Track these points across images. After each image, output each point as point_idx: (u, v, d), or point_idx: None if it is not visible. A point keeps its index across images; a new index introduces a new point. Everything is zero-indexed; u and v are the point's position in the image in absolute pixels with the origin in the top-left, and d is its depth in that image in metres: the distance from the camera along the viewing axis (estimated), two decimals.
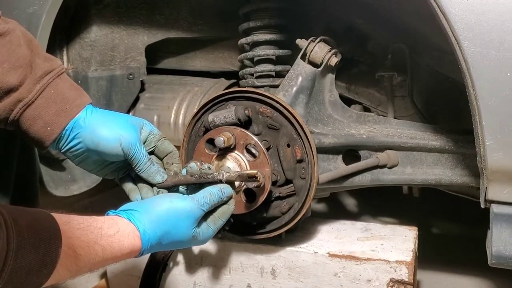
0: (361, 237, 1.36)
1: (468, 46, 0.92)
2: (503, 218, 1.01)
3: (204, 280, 1.37)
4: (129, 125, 1.05)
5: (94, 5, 1.48)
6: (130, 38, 1.56)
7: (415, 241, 1.33)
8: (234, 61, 1.66)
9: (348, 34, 1.45)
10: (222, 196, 1.01)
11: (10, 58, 0.97)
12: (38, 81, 0.99)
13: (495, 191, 1.00)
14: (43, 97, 1.00)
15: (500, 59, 0.91)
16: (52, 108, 1.00)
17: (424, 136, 1.30)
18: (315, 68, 1.28)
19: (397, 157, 1.32)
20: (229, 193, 1.03)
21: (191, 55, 1.68)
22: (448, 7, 0.92)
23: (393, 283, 1.20)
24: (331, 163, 1.33)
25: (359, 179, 1.35)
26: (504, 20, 0.89)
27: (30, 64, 0.99)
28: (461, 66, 0.94)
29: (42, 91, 1.00)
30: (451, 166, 1.28)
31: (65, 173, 1.55)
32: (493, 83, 0.92)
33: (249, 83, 1.44)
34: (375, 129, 1.35)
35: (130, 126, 1.05)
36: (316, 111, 1.32)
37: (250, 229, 1.27)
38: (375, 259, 1.22)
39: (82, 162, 1.07)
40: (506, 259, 1.03)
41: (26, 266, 0.69)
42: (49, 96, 1.00)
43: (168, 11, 1.57)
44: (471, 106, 0.96)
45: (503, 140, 0.95)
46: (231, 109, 1.16)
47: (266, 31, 1.41)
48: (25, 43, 1.01)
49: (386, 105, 1.46)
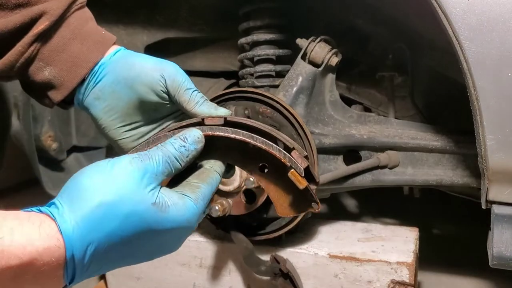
0: (362, 238, 1.35)
1: (469, 46, 0.91)
2: (504, 219, 1.01)
3: (204, 281, 1.37)
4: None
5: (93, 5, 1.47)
6: (129, 38, 1.56)
7: (416, 242, 1.33)
8: (233, 61, 1.65)
9: (349, 34, 1.45)
10: (185, 143, 0.68)
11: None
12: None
13: (496, 192, 1.00)
14: (68, 24, 0.80)
15: (501, 59, 0.90)
16: (79, 38, 0.81)
17: (425, 137, 1.29)
18: (316, 68, 1.28)
19: (398, 157, 1.32)
20: (194, 137, 0.69)
21: (191, 55, 1.67)
22: (449, 7, 0.91)
23: (394, 284, 1.20)
24: (332, 163, 1.33)
25: (360, 180, 1.34)
26: (505, 20, 0.89)
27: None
28: (462, 66, 0.93)
29: (71, 13, 0.81)
30: (452, 167, 1.28)
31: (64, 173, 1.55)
32: (494, 83, 0.92)
33: (249, 83, 1.43)
34: (375, 130, 1.35)
35: None
36: (316, 111, 1.32)
37: (250, 230, 1.27)
38: (375, 260, 1.22)
39: (104, 107, 0.81)
40: (507, 260, 1.02)
41: None
42: (75, 26, 0.81)
43: (167, 11, 1.56)
44: (472, 106, 0.95)
45: (504, 141, 0.94)
46: (231, 109, 1.16)
47: (266, 31, 1.40)
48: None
49: (387, 105, 1.45)
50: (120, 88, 0.79)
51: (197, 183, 0.69)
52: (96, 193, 0.58)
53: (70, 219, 0.57)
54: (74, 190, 0.60)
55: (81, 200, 0.58)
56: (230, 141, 0.70)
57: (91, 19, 0.84)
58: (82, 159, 1.70)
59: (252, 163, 0.73)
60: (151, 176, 0.62)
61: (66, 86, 0.80)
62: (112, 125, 0.82)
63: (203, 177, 0.70)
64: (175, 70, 0.79)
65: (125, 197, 0.59)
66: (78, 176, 0.61)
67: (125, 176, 0.60)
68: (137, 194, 0.60)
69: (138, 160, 0.63)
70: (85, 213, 0.57)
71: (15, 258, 0.52)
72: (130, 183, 0.60)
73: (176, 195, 0.65)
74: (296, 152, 0.72)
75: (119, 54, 0.82)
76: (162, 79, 0.77)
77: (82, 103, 0.83)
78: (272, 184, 0.73)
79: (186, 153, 0.67)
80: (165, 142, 0.68)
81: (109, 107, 0.81)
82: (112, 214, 0.58)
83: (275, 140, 0.72)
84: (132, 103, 0.80)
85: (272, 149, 0.70)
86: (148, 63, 0.79)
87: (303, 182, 0.69)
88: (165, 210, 0.62)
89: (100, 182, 0.59)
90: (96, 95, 0.81)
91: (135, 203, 0.59)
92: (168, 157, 0.65)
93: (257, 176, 0.73)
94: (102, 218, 0.58)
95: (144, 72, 0.78)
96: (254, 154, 0.71)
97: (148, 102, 0.80)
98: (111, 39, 0.84)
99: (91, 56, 0.80)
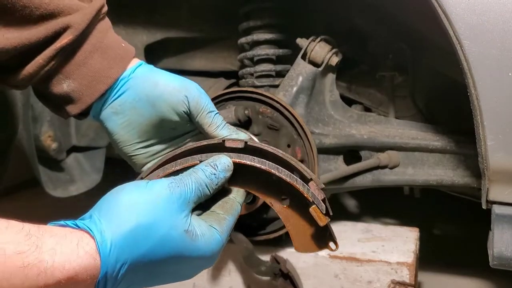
0: (362, 238, 1.35)
1: (469, 46, 0.91)
2: (505, 219, 1.00)
3: (203, 281, 1.37)
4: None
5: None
6: (129, 38, 1.55)
7: (416, 242, 1.33)
8: (234, 60, 1.65)
9: (349, 34, 1.44)
10: (215, 171, 0.68)
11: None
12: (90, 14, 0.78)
13: (497, 192, 1.00)
14: (93, 37, 0.79)
15: (502, 59, 0.90)
16: (100, 52, 0.79)
17: (425, 137, 1.29)
18: (316, 68, 1.28)
19: (398, 157, 1.32)
20: (224, 165, 0.70)
21: (191, 55, 1.67)
22: (449, 6, 0.91)
23: (394, 284, 1.20)
24: (332, 163, 1.32)
25: (360, 180, 1.34)
26: (506, 19, 0.89)
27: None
28: (463, 66, 0.93)
29: (95, 26, 0.79)
30: (452, 167, 1.28)
31: (64, 174, 1.55)
32: (494, 83, 0.92)
33: (249, 83, 1.43)
34: (376, 130, 1.34)
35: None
36: (316, 111, 1.31)
37: (250, 230, 1.27)
38: (376, 260, 1.22)
39: (123, 122, 0.80)
40: (508, 260, 1.02)
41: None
42: (96, 39, 0.79)
43: (167, 10, 1.56)
44: (473, 106, 0.95)
45: (505, 141, 0.94)
46: (231, 109, 1.16)
47: (266, 31, 1.40)
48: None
49: (387, 105, 1.45)
50: (142, 105, 0.79)
51: (223, 215, 0.69)
52: (135, 213, 0.59)
53: (108, 238, 0.57)
54: (113, 206, 0.60)
55: (119, 218, 0.59)
56: (255, 169, 0.70)
57: (110, 29, 0.83)
58: (81, 159, 1.70)
59: (274, 194, 0.73)
60: (184, 203, 0.63)
61: (84, 100, 0.79)
62: (128, 141, 0.82)
63: (227, 208, 0.71)
64: (199, 92, 0.79)
65: (162, 220, 0.60)
66: (117, 193, 0.62)
67: (163, 200, 0.61)
68: (173, 219, 0.61)
69: (175, 186, 0.63)
70: (123, 232, 0.58)
71: (54, 278, 0.53)
72: (167, 207, 0.61)
73: (205, 225, 0.66)
74: (313, 183, 0.71)
75: (140, 70, 0.81)
76: (186, 100, 0.77)
77: (98, 116, 0.82)
78: (292, 217, 0.73)
79: (216, 180, 0.68)
80: (196, 168, 0.68)
81: (128, 123, 0.80)
82: (148, 236, 0.59)
83: (291, 169, 0.72)
84: (152, 121, 0.80)
85: (296, 183, 0.69)
86: (172, 83, 0.78)
87: (324, 220, 0.68)
88: (195, 239, 0.63)
89: (139, 202, 0.60)
90: (115, 110, 0.80)
91: (170, 228, 0.61)
92: (199, 184, 0.66)
93: (277, 208, 0.73)
94: (138, 239, 0.59)
95: (167, 92, 0.78)
96: (277, 185, 0.71)
97: (168, 121, 0.80)
98: (131, 51, 0.83)
99: (111, 72, 0.79)
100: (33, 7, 0.72)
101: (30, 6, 0.72)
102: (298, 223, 0.73)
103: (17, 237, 0.52)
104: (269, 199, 0.73)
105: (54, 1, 0.74)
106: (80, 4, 0.78)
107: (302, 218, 0.72)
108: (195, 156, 0.71)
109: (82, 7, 0.77)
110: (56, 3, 0.74)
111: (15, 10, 0.72)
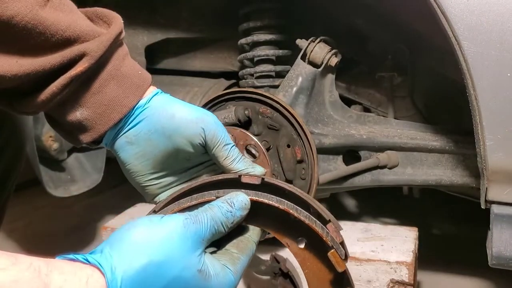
0: (361, 238, 1.35)
1: (468, 46, 0.91)
2: (504, 218, 1.01)
3: None
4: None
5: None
6: (129, 38, 1.56)
7: (416, 242, 1.33)
8: (234, 61, 1.65)
9: (348, 35, 1.45)
10: (232, 208, 0.66)
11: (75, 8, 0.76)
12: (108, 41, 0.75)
13: (496, 192, 1.00)
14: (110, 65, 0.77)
15: (501, 59, 0.90)
16: (116, 80, 0.77)
17: (424, 137, 1.29)
18: (315, 69, 1.28)
19: (397, 157, 1.32)
20: (241, 203, 0.67)
21: (191, 56, 1.68)
22: (448, 7, 0.91)
23: (393, 283, 1.20)
24: (331, 163, 1.33)
25: (359, 180, 1.35)
26: (505, 20, 0.89)
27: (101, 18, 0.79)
28: (461, 67, 0.94)
29: (112, 54, 0.77)
30: (451, 167, 1.28)
31: (65, 173, 1.55)
32: (493, 84, 0.92)
33: (249, 83, 1.43)
34: (375, 130, 1.35)
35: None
36: (316, 111, 1.32)
37: None
38: (375, 259, 1.22)
39: (137, 153, 0.79)
40: (507, 259, 1.03)
41: None
42: (113, 67, 0.77)
43: (168, 11, 1.57)
44: (472, 106, 0.95)
45: (504, 141, 0.94)
46: (231, 110, 1.16)
47: (266, 32, 1.41)
48: None
49: (386, 106, 1.46)
50: (157, 137, 0.77)
51: (237, 254, 0.67)
52: (148, 250, 0.57)
53: (119, 276, 0.55)
54: (125, 241, 0.58)
55: (131, 255, 0.57)
56: (272, 208, 0.68)
57: (127, 55, 0.81)
58: (82, 159, 1.70)
59: (290, 234, 0.70)
60: (199, 240, 0.61)
61: (97, 129, 0.77)
62: (141, 171, 0.80)
63: (242, 247, 0.69)
64: (216, 124, 0.77)
65: (174, 259, 0.58)
66: (130, 228, 0.60)
67: (177, 237, 0.59)
68: (186, 258, 0.59)
69: (190, 222, 0.61)
70: (134, 270, 0.56)
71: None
72: (181, 245, 0.59)
73: (218, 265, 0.63)
74: (332, 225, 0.69)
75: (156, 99, 0.79)
76: (203, 132, 0.76)
77: (111, 145, 0.80)
78: (309, 260, 0.70)
79: (232, 218, 0.66)
80: (212, 204, 0.66)
81: (142, 153, 0.79)
82: (160, 276, 0.57)
83: (308, 207, 0.70)
84: (167, 152, 0.78)
85: (315, 225, 0.67)
86: (189, 115, 0.76)
87: (343, 265, 0.66)
88: (208, 280, 0.60)
89: (152, 239, 0.58)
90: (129, 140, 0.78)
91: (183, 267, 0.58)
92: (215, 222, 0.64)
93: (293, 249, 0.70)
94: (149, 278, 0.57)
95: (184, 124, 0.76)
96: (294, 225, 0.69)
97: (184, 152, 0.79)
98: (148, 79, 0.80)
99: (126, 101, 0.77)
100: (49, 34, 0.69)
101: (46, 33, 0.69)
102: (314, 266, 0.70)
103: (25, 274, 0.51)
104: (285, 239, 0.71)
105: (71, 28, 0.71)
106: (97, 30, 0.75)
107: (319, 260, 0.69)
108: (211, 192, 0.69)
109: (100, 33, 0.75)
110: (73, 29, 0.72)
111: (30, 37, 0.69)
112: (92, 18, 0.79)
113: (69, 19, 0.72)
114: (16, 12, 0.66)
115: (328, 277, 0.70)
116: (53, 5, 0.71)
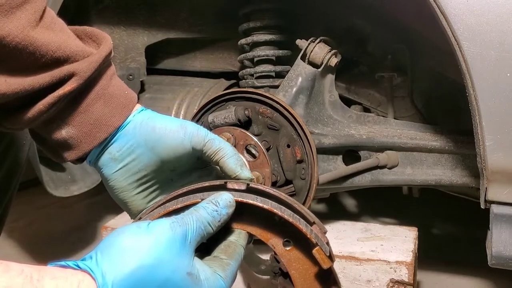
0: (361, 238, 1.36)
1: (468, 47, 0.92)
2: (503, 218, 1.01)
3: None
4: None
5: (94, 6, 1.48)
6: (130, 39, 1.56)
7: (415, 242, 1.33)
8: (234, 61, 1.66)
9: (348, 35, 1.45)
10: (217, 207, 0.67)
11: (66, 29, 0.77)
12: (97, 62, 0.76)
13: (495, 192, 1.00)
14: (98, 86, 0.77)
15: (500, 60, 0.91)
16: (103, 100, 0.78)
17: (424, 137, 1.30)
18: (315, 69, 1.29)
19: (397, 157, 1.32)
20: (226, 201, 0.68)
21: (191, 56, 1.68)
22: (448, 7, 0.92)
23: (393, 283, 1.20)
24: (331, 163, 1.33)
25: (359, 180, 1.35)
26: (504, 20, 0.89)
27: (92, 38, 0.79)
28: (461, 67, 0.94)
29: (101, 74, 0.77)
30: (451, 167, 1.28)
31: (65, 173, 1.55)
32: (493, 84, 0.92)
33: (249, 83, 1.44)
34: (375, 130, 1.35)
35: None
36: (316, 111, 1.32)
37: None
38: (375, 259, 1.22)
39: (120, 168, 0.80)
40: (506, 259, 1.03)
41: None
42: (100, 87, 0.78)
43: (168, 11, 1.57)
44: (471, 106, 0.96)
45: (503, 141, 0.94)
46: (231, 110, 1.16)
47: (266, 32, 1.41)
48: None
49: (386, 106, 1.46)
50: (140, 151, 0.78)
51: (226, 260, 0.67)
52: (137, 254, 0.58)
53: (110, 281, 0.56)
54: (114, 248, 0.59)
55: (121, 260, 0.57)
56: (257, 209, 0.68)
57: (114, 75, 0.81)
58: None
59: (276, 236, 0.70)
60: (187, 243, 0.61)
61: (82, 147, 0.78)
62: (125, 188, 0.81)
63: (230, 252, 0.69)
64: (196, 127, 0.78)
65: (164, 262, 0.58)
66: (118, 234, 0.60)
67: (165, 241, 0.60)
68: (175, 261, 0.59)
69: (177, 225, 0.62)
70: (125, 274, 0.56)
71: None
72: (169, 248, 0.59)
73: (208, 270, 0.63)
74: (316, 227, 0.69)
75: (138, 116, 0.80)
76: (185, 137, 0.77)
77: (95, 162, 0.81)
78: (294, 261, 0.70)
79: (218, 217, 0.66)
80: (197, 206, 0.67)
81: (126, 169, 0.79)
82: (150, 279, 0.57)
83: (294, 211, 0.70)
84: (151, 165, 0.79)
85: (299, 223, 0.66)
86: (168, 126, 0.77)
87: (328, 262, 0.66)
88: (198, 284, 0.61)
89: (140, 244, 0.59)
90: (112, 156, 0.79)
91: (173, 270, 0.59)
92: (201, 222, 0.64)
93: (279, 251, 0.70)
94: (139, 282, 0.57)
95: (165, 135, 0.77)
96: (279, 226, 0.69)
97: (167, 163, 0.79)
98: (134, 99, 0.81)
99: (113, 120, 0.77)
100: (39, 54, 0.70)
101: (36, 53, 0.69)
102: (301, 266, 0.70)
103: (17, 281, 0.51)
104: (271, 241, 0.71)
105: (61, 48, 0.72)
106: (87, 50, 0.76)
107: (305, 260, 0.69)
108: (197, 195, 0.70)
109: (89, 53, 0.75)
110: (63, 50, 0.72)
111: (20, 57, 0.69)
112: (81, 36, 0.79)
113: (59, 39, 0.72)
114: (7, 32, 0.67)
115: (314, 277, 0.70)
116: (44, 24, 0.72)
